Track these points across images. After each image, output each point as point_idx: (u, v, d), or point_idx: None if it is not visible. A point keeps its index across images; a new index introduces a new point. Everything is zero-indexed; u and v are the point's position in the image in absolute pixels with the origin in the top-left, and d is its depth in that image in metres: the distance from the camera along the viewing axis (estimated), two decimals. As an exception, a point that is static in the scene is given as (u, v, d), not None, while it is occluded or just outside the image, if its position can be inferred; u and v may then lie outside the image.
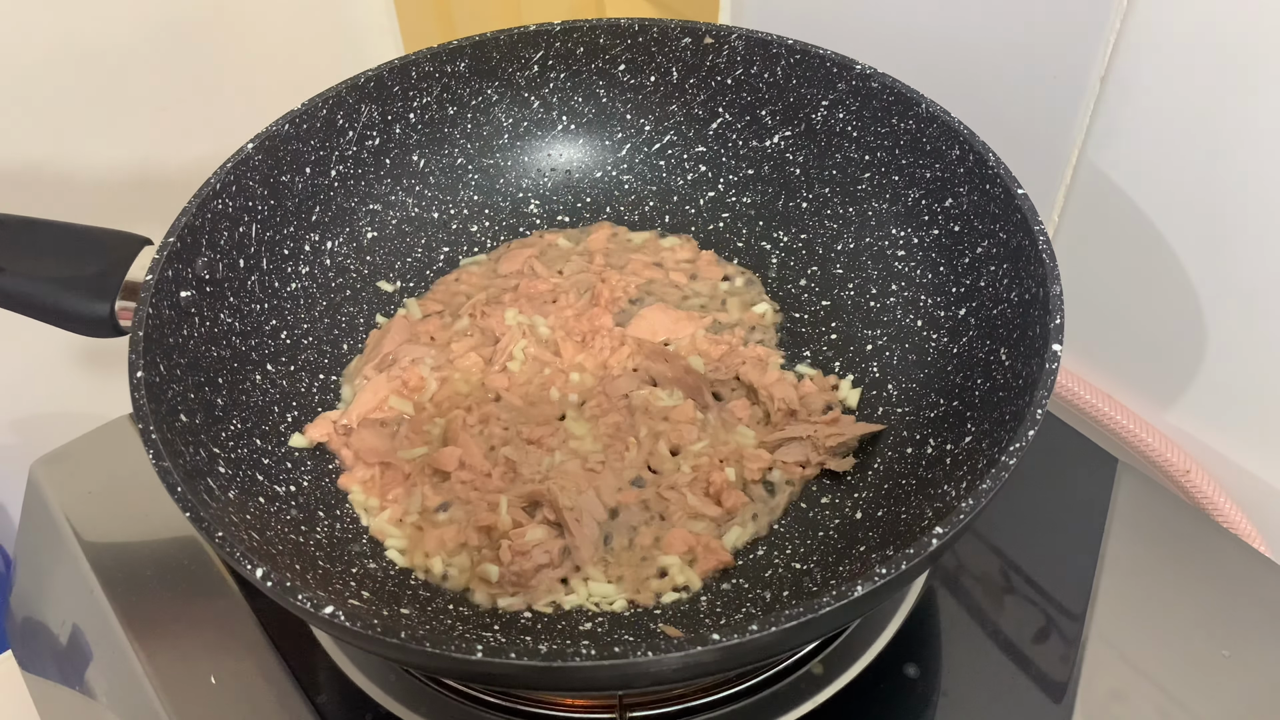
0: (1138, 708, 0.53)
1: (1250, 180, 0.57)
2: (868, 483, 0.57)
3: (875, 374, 0.62)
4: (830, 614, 0.39)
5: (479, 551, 0.54)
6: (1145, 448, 0.68)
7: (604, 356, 0.63)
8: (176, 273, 0.54)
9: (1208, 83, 0.56)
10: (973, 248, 0.59)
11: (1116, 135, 0.62)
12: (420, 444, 0.59)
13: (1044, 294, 0.51)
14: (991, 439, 0.50)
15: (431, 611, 0.52)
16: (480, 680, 0.52)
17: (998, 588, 0.59)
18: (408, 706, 0.54)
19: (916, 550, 0.41)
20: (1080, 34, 0.60)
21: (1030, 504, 0.62)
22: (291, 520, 0.53)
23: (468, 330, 0.65)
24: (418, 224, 0.70)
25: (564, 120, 0.72)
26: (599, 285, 0.66)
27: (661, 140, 0.72)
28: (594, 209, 0.73)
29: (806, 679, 0.55)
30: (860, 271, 0.65)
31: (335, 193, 0.66)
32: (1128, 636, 0.56)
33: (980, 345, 0.57)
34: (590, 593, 0.53)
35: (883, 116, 0.63)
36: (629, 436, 0.58)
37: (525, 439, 0.59)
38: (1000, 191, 0.56)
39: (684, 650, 0.38)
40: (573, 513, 0.54)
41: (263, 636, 0.57)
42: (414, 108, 0.68)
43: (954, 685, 0.55)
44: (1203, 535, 0.62)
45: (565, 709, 0.54)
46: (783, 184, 0.69)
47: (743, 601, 0.52)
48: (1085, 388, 0.70)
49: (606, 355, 0.63)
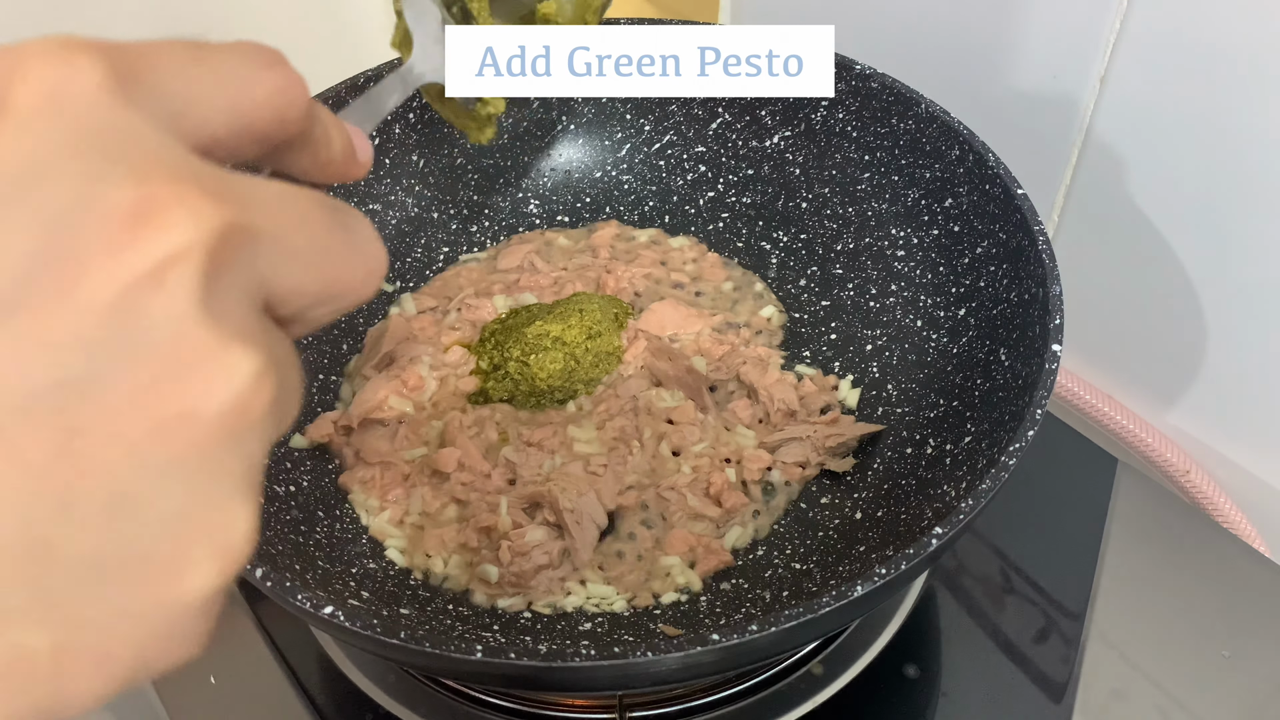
0: (1138, 708, 0.53)
1: (1250, 180, 0.57)
2: (868, 483, 0.57)
3: (875, 374, 0.62)
4: (830, 614, 0.39)
5: (479, 552, 0.54)
6: (1145, 448, 0.68)
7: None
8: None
9: (1207, 83, 0.56)
10: (972, 248, 0.59)
11: (1116, 135, 0.62)
12: (419, 444, 0.59)
13: (1043, 294, 0.51)
14: (991, 439, 0.50)
15: (431, 612, 0.52)
16: (480, 680, 0.52)
17: (998, 588, 0.59)
18: (408, 706, 0.54)
19: (916, 550, 0.41)
20: (1080, 34, 0.60)
21: (1030, 504, 0.62)
22: (291, 520, 0.53)
23: (455, 324, 0.64)
24: (418, 224, 0.70)
25: (564, 120, 0.72)
26: (604, 276, 0.66)
27: (661, 140, 0.72)
28: (594, 209, 0.73)
29: (806, 679, 0.55)
30: (860, 271, 0.65)
31: (335, 193, 0.66)
32: (1128, 636, 0.56)
33: (980, 345, 0.57)
34: (590, 593, 0.53)
35: (882, 116, 0.63)
36: (633, 440, 0.58)
37: (525, 441, 0.58)
38: (1000, 191, 0.56)
39: (684, 650, 0.38)
40: (573, 514, 0.54)
41: (263, 636, 0.57)
42: (414, 108, 0.68)
43: (954, 685, 0.55)
44: (1203, 535, 0.62)
45: (565, 709, 0.54)
46: (783, 184, 0.69)
47: (743, 601, 0.52)
48: (1085, 388, 0.70)
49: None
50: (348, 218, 0.22)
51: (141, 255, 0.17)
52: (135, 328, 0.17)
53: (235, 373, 0.18)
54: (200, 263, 0.17)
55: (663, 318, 0.64)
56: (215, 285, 0.18)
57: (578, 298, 0.63)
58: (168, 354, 0.17)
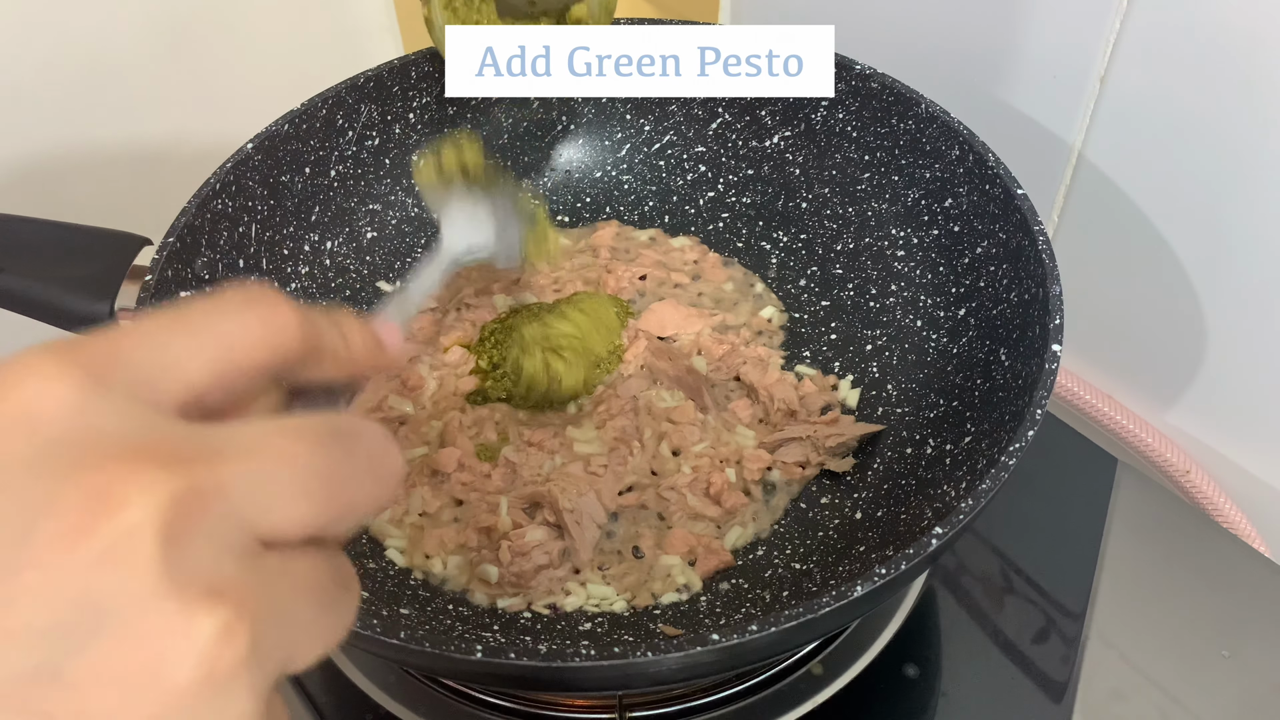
0: (1138, 708, 0.53)
1: (1250, 180, 0.57)
2: (867, 483, 0.57)
3: (875, 374, 0.62)
4: (830, 614, 0.39)
5: (479, 552, 0.54)
6: (1145, 448, 0.68)
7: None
8: (176, 273, 0.54)
9: (1207, 83, 0.56)
10: (972, 248, 0.59)
11: (1116, 135, 0.62)
12: (420, 444, 0.59)
13: (1044, 294, 0.51)
14: (991, 439, 0.50)
15: (431, 612, 0.52)
16: (480, 680, 0.52)
17: (998, 588, 0.59)
18: (407, 706, 0.54)
19: (916, 550, 0.41)
20: (1080, 34, 0.60)
21: (1030, 504, 0.62)
22: (291, 520, 0.53)
23: (454, 324, 0.64)
24: (418, 224, 0.70)
25: (564, 120, 0.72)
26: (605, 276, 0.66)
27: (661, 140, 0.72)
28: (594, 209, 0.73)
29: (806, 679, 0.55)
30: (860, 271, 0.65)
31: (335, 193, 0.66)
32: (1128, 636, 0.56)
33: (980, 345, 0.57)
34: (590, 594, 0.53)
35: (882, 117, 0.63)
36: (634, 440, 0.58)
37: (526, 441, 0.58)
38: (1000, 191, 0.56)
39: (684, 650, 0.38)
40: (573, 514, 0.54)
41: (262, 636, 0.57)
42: (414, 108, 0.68)
43: (954, 685, 0.55)
44: (1203, 535, 0.62)
45: (565, 709, 0.54)
46: (783, 184, 0.69)
47: (743, 601, 0.52)
48: (1085, 388, 0.70)
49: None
50: (347, 438, 0.22)
51: (97, 539, 0.18)
52: (97, 610, 0.18)
53: (198, 633, 0.18)
54: (155, 533, 0.18)
55: (663, 318, 0.64)
56: (177, 549, 0.19)
57: (578, 298, 0.63)
58: (128, 627, 0.18)
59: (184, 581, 0.18)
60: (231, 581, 0.19)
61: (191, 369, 0.22)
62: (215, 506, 0.19)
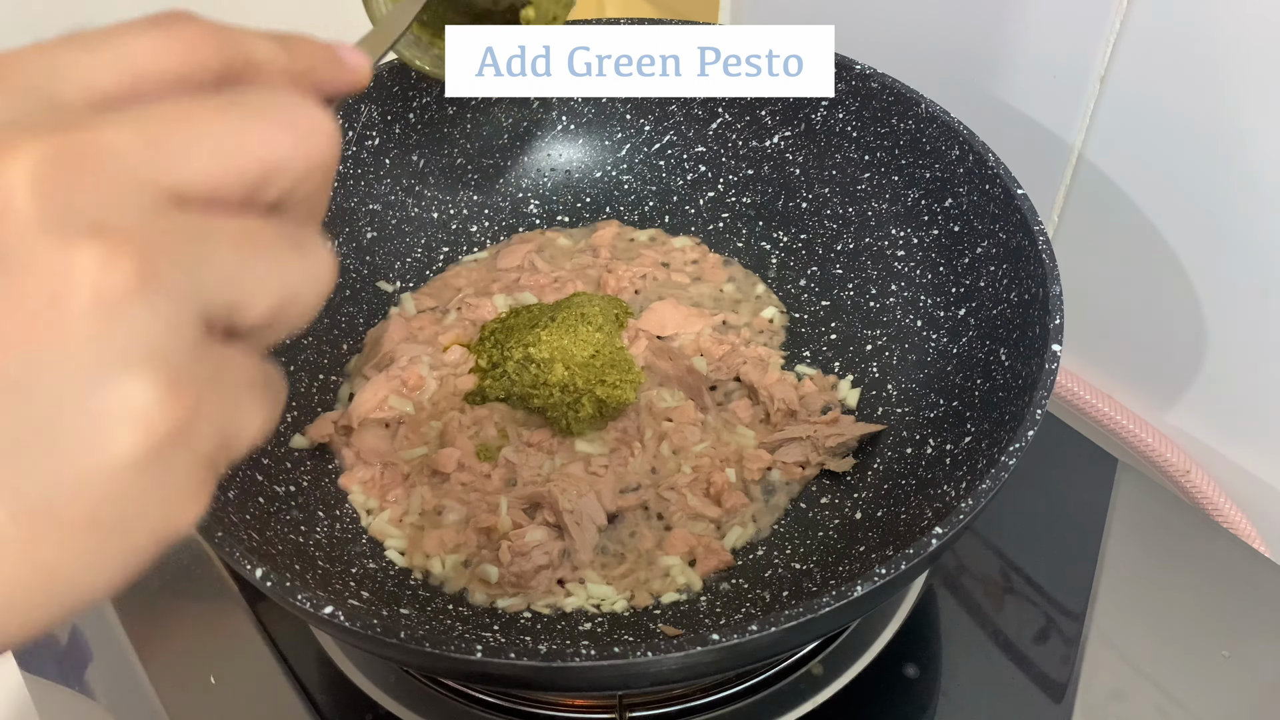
0: (1138, 708, 0.53)
1: (1250, 180, 0.57)
2: (867, 483, 0.57)
3: (875, 374, 0.62)
4: (830, 614, 0.40)
5: (479, 552, 0.54)
6: (1145, 448, 0.68)
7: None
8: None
9: (1207, 82, 0.56)
10: (972, 248, 0.59)
11: (1116, 135, 0.62)
12: (419, 444, 0.59)
13: (1043, 294, 0.51)
14: (991, 439, 0.50)
15: (431, 612, 0.52)
16: (480, 680, 0.52)
17: (998, 588, 0.59)
18: (407, 706, 0.54)
19: (916, 550, 0.41)
20: (1080, 34, 0.60)
21: (1030, 504, 0.62)
22: (291, 520, 0.53)
23: (454, 323, 0.64)
24: (417, 224, 0.70)
25: (564, 120, 0.72)
26: (605, 276, 0.66)
27: (661, 140, 0.72)
28: (594, 209, 0.73)
29: (806, 679, 0.55)
30: (860, 271, 0.65)
31: (335, 193, 0.66)
32: (1128, 636, 0.56)
33: (980, 345, 0.57)
34: (590, 593, 0.53)
35: (882, 116, 0.63)
36: (634, 440, 0.58)
37: (525, 441, 0.58)
38: (1000, 191, 0.56)
39: (684, 650, 0.38)
40: (573, 515, 0.54)
41: (263, 636, 0.57)
42: (414, 108, 0.68)
43: (954, 685, 0.55)
44: (1203, 535, 0.62)
45: (565, 709, 0.54)
46: (783, 184, 0.69)
47: (743, 601, 0.52)
48: (1085, 388, 0.70)
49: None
50: (256, 96, 0.23)
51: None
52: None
53: (79, 262, 0.19)
54: (29, 185, 0.19)
55: (663, 318, 0.64)
56: (52, 198, 0.19)
57: (578, 298, 0.63)
58: (10, 264, 0.19)
59: (63, 223, 0.19)
60: (128, 225, 0.19)
61: (88, 73, 0.22)
62: (102, 160, 0.20)
